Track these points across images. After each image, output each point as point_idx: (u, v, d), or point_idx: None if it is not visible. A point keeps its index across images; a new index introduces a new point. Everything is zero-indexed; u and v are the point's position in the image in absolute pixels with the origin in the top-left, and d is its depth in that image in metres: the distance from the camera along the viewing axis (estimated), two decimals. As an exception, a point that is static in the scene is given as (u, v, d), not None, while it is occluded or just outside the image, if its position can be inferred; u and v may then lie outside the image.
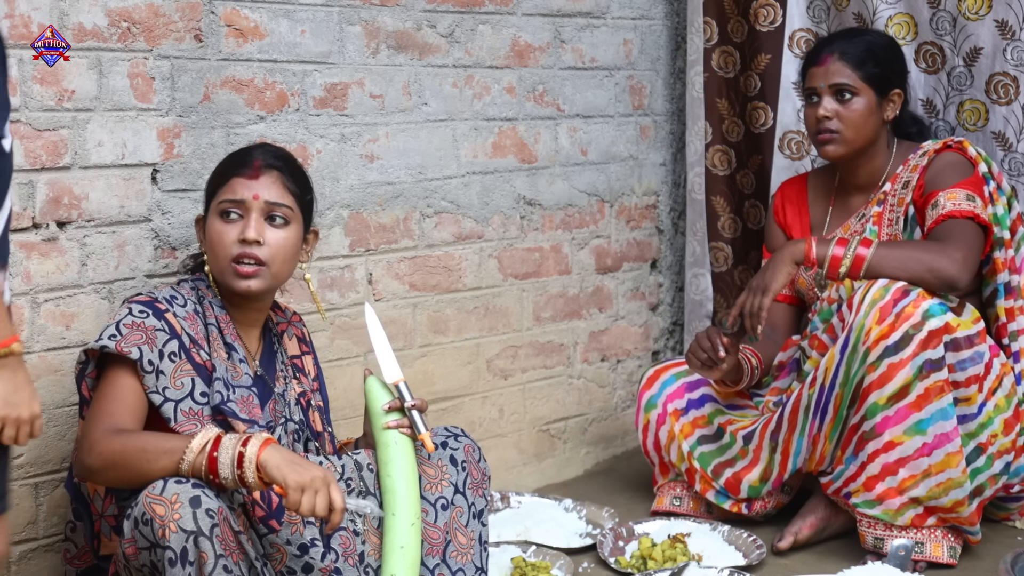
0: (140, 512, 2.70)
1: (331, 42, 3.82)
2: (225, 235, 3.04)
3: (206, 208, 3.12)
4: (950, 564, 3.57)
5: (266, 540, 2.87)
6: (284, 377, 3.21)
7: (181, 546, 2.67)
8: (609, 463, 4.63)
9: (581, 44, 4.49)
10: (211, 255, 3.07)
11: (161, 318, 2.94)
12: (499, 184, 4.28)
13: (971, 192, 3.78)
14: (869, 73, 3.94)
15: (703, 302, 4.75)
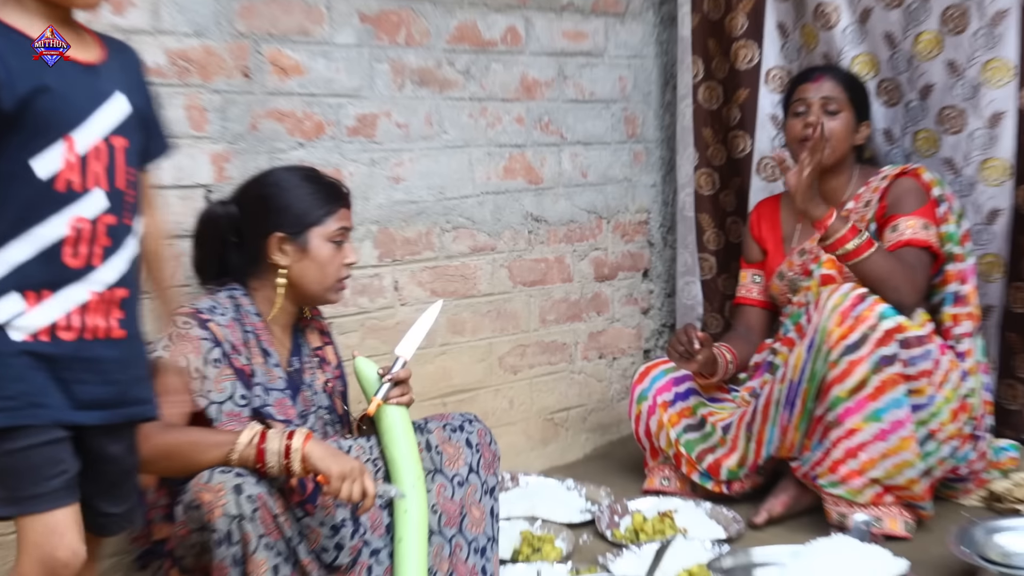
0: (190, 499, 2.70)
1: (362, 78, 3.83)
2: (337, 259, 3.05)
3: (297, 228, 3.02)
4: (905, 537, 3.57)
5: (302, 522, 2.86)
6: (311, 368, 3.18)
7: (227, 528, 2.67)
8: (606, 448, 4.62)
9: (582, 80, 4.49)
10: (316, 273, 3.04)
11: (204, 327, 2.91)
12: (509, 203, 4.28)
13: (927, 220, 3.79)
14: (853, 97, 3.97)
15: (694, 306, 4.74)
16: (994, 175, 4.16)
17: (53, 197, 2.20)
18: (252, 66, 3.54)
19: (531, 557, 3.49)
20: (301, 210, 3.05)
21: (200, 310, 2.95)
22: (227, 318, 2.97)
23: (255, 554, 2.71)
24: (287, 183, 3.09)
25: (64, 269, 2.23)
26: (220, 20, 3.46)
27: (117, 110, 2.27)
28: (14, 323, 2.18)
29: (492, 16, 4.17)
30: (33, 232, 2.19)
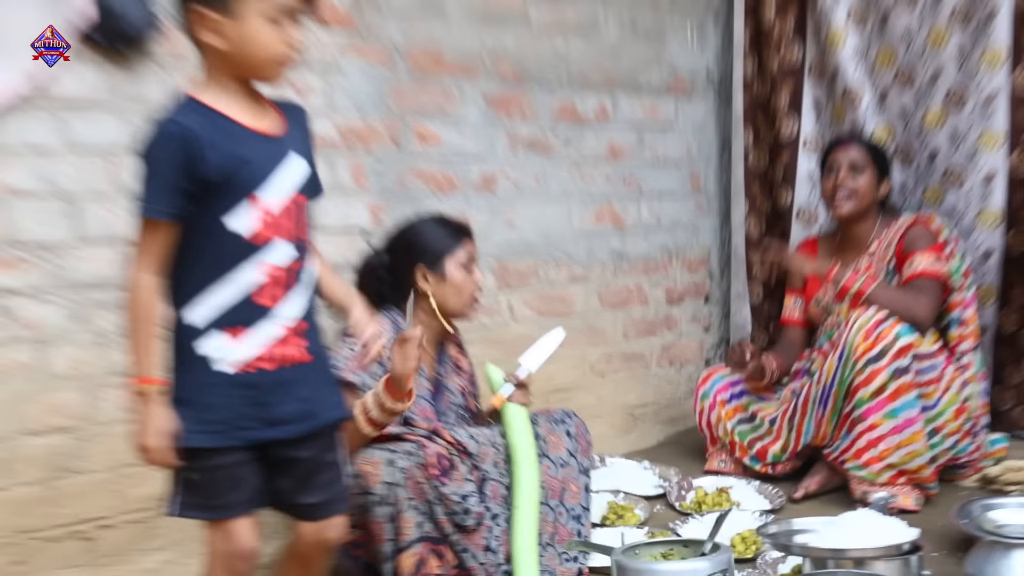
0: (355, 470, 2.77)
1: (485, 145, 3.88)
2: (469, 282, 3.08)
3: (435, 260, 3.06)
4: (916, 510, 3.54)
5: (439, 491, 2.86)
6: (450, 374, 3.21)
7: (383, 492, 2.76)
8: (675, 437, 4.61)
9: (656, 146, 4.49)
10: (453, 295, 3.06)
11: None
12: (599, 242, 4.30)
13: (938, 255, 3.77)
14: (875, 158, 3.93)
15: (744, 325, 4.72)
16: (988, 222, 4.13)
17: (247, 248, 2.13)
18: (401, 136, 3.61)
19: (616, 522, 3.49)
20: (436, 245, 3.08)
21: None
22: (388, 338, 2.98)
23: (404, 513, 2.78)
24: (423, 227, 3.14)
25: (260, 309, 2.15)
26: (377, 102, 3.54)
27: (297, 172, 2.21)
28: (221, 358, 2.13)
29: (586, 96, 4.20)
30: (232, 278, 2.13)
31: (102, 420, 3.04)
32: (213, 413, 2.14)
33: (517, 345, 3.89)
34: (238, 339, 2.14)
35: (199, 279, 2.12)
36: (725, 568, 2.44)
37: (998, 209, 4.12)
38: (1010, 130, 4.06)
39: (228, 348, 2.14)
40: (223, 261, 2.12)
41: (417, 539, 2.81)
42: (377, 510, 2.79)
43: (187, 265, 2.12)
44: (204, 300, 2.13)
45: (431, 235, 3.11)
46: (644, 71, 4.41)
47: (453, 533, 2.90)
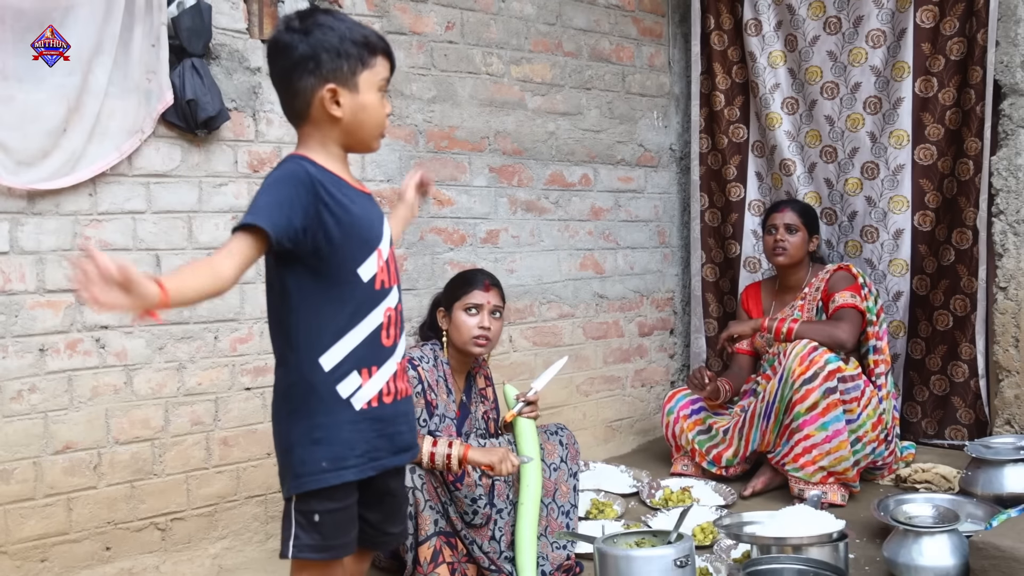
0: None
1: (490, 206, 3.87)
2: (470, 322, 3.01)
3: (448, 304, 3.04)
4: (842, 505, 3.51)
5: (453, 494, 2.87)
6: (476, 402, 3.17)
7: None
8: (645, 445, 4.57)
9: (630, 207, 4.48)
10: (457, 334, 3.01)
11: (415, 370, 2.92)
12: (583, 286, 4.28)
13: (854, 292, 3.77)
14: (805, 220, 3.94)
15: (700, 353, 4.69)
16: (897, 270, 4.14)
17: (374, 295, 1.95)
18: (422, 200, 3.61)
19: (597, 516, 3.48)
20: (450, 293, 3.06)
21: (413, 358, 2.95)
22: (429, 365, 2.98)
23: (423, 512, 2.76)
24: (454, 278, 3.14)
25: (383, 348, 1.98)
26: (402, 171, 3.54)
27: (387, 225, 2.03)
28: (358, 396, 1.94)
29: (572, 167, 4.21)
30: (363, 323, 1.94)
31: (175, 432, 3.04)
32: (354, 448, 1.93)
33: (516, 370, 3.92)
34: (370, 378, 1.95)
35: (337, 326, 1.92)
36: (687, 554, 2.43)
37: (905, 259, 4.12)
38: (913, 195, 4.08)
39: (363, 387, 1.94)
40: (359, 308, 1.94)
41: (434, 533, 2.79)
42: (404, 508, 2.75)
43: (326, 314, 1.91)
44: (342, 345, 1.93)
45: (452, 284, 3.11)
46: (619, 147, 4.42)
47: (463, 528, 2.88)
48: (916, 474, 3.66)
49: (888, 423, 3.76)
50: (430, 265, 3.60)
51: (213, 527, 3.10)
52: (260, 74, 3.13)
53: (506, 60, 3.91)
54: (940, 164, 4.01)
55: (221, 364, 3.09)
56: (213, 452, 3.09)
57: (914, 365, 4.20)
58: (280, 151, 3.19)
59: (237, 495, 3.15)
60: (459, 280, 3.12)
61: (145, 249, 2.95)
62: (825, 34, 4.21)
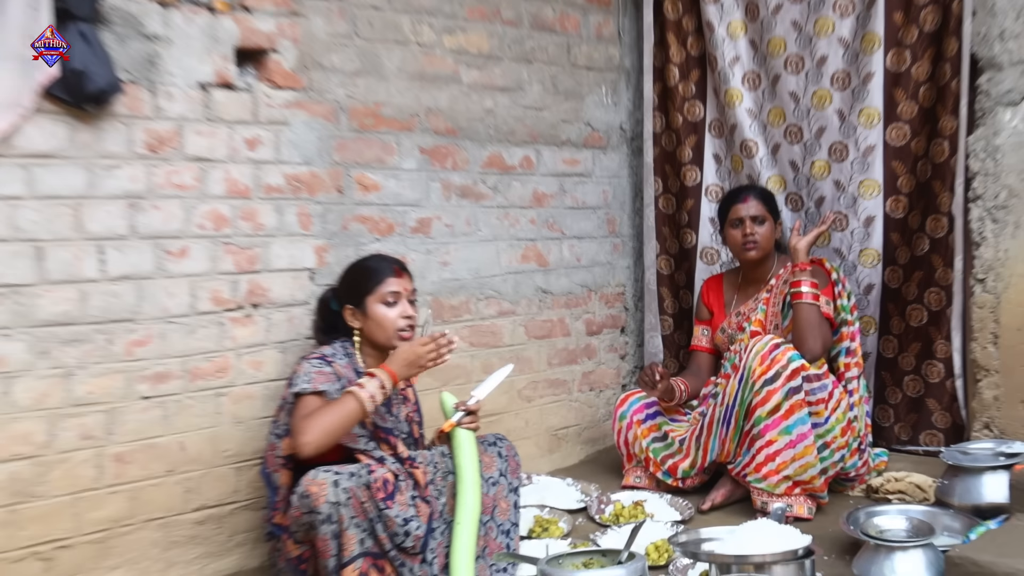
0: (302, 490, 2.73)
1: (421, 192, 3.84)
2: (391, 314, 3.04)
3: (358, 299, 3.06)
4: (809, 519, 3.55)
5: (383, 512, 2.85)
6: (397, 403, 3.19)
7: (328, 512, 2.71)
8: (594, 455, 4.58)
9: (576, 193, 4.49)
10: (380, 330, 3.04)
11: (330, 366, 2.96)
12: (525, 280, 4.27)
13: (828, 298, 3.82)
14: (770, 208, 3.97)
15: (656, 354, 4.72)
16: (869, 260, 4.18)
17: None
18: (344, 185, 3.58)
19: (541, 535, 3.47)
20: (358, 286, 3.09)
21: (325, 355, 3.00)
22: (343, 362, 3.02)
23: (348, 530, 2.74)
24: (351, 270, 3.17)
25: None
26: (322, 153, 3.50)
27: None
28: None
29: (512, 149, 4.20)
30: None
31: (61, 448, 2.96)
32: None
33: (450, 374, 3.90)
34: None
35: None
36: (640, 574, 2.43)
37: (877, 248, 4.17)
38: (885, 179, 4.12)
39: None
40: None
41: (359, 554, 2.77)
42: (322, 527, 2.74)
43: None
44: None
45: (355, 277, 3.12)
46: (564, 127, 4.41)
47: (392, 550, 2.86)
48: (888, 484, 3.71)
49: (860, 431, 3.80)
50: (354, 257, 3.54)
51: (105, 555, 3.03)
52: (159, 42, 3.06)
53: (438, 29, 3.88)
54: (914, 145, 4.06)
55: (115, 370, 3.03)
56: (105, 470, 3.02)
57: (886, 364, 4.26)
58: (182, 129, 3.12)
59: (133, 519, 3.08)
60: (362, 271, 3.12)
61: (26, 240, 2.87)
62: (788, 2, 4.23)
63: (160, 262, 3.09)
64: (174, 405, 3.14)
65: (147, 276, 3.08)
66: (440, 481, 3.08)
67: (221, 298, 3.23)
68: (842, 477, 3.80)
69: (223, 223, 3.23)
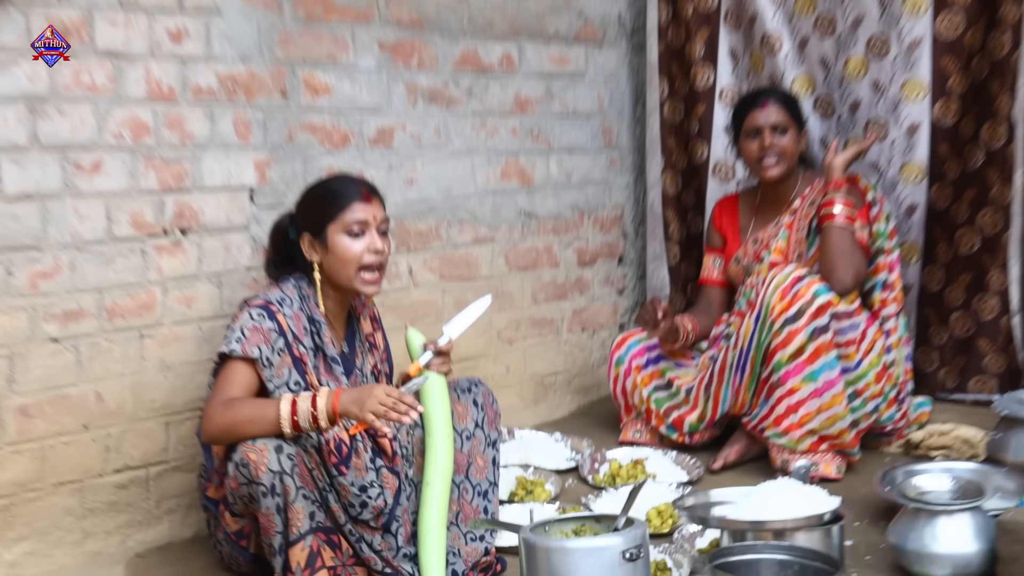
0: (239, 458, 2.72)
1: (381, 97, 3.82)
2: (356, 247, 2.98)
3: (318, 227, 3.00)
4: (837, 478, 3.58)
5: (336, 480, 2.85)
6: (362, 352, 3.17)
7: (271, 482, 2.69)
8: (587, 407, 4.61)
9: (566, 97, 4.47)
10: (340, 266, 2.97)
11: (273, 319, 2.88)
12: (506, 201, 4.27)
13: (862, 222, 3.82)
14: (793, 115, 3.96)
15: (662, 288, 4.72)
16: (912, 176, 4.18)
17: None
18: (289, 87, 3.54)
19: (525, 498, 3.49)
20: (318, 212, 3.03)
21: (271, 302, 2.93)
22: (294, 308, 2.95)
23: (295, 503, 2.73)
24: (314, 191, 3.10)
25: None
26: (262, 49, 3.46)
27: None
28: None
29: (490, 44, 4.16)
30: None
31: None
32: None
33: (417, 312, 3.91)
34: None
35: None
36: (639, 544, 2.45)
37: (922, 162, 4.17)
38: (933, 79, 4.10)
39: None
40: None
41: (309, 530, 2.75)
42: (264, 501, 2.71)
43: None
44: None
45: (315, 201, 3.06)
46: (552, 17, 4.38)
47: (348, 523, 2.87)
48: (931, 438, 3.74)
49: (899, 378, 3.83)
50: (302, 174, 3.54)
51: (8, 526, 3.04)
52: (62, -94, 3.01)
53: None
54: (968, 37, 4.05)
55: (16, 307, 3.01)
56: (7, 426, 3.02)
57: (930, 299, 4.28)
58: (91, 18, 3.08)
59: (42, 483, 3.08)
60: (324, 193, 3.07)
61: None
62: None
63: (68, 178, 3.06)
64: (89, 348, 3.13)
65: (53, 195, 3.04)
66: (406, 437, 3.09)
67: (143, 221, 3.21)
68: (877, 431, 3.83)
69: (144, 132, 3.19)
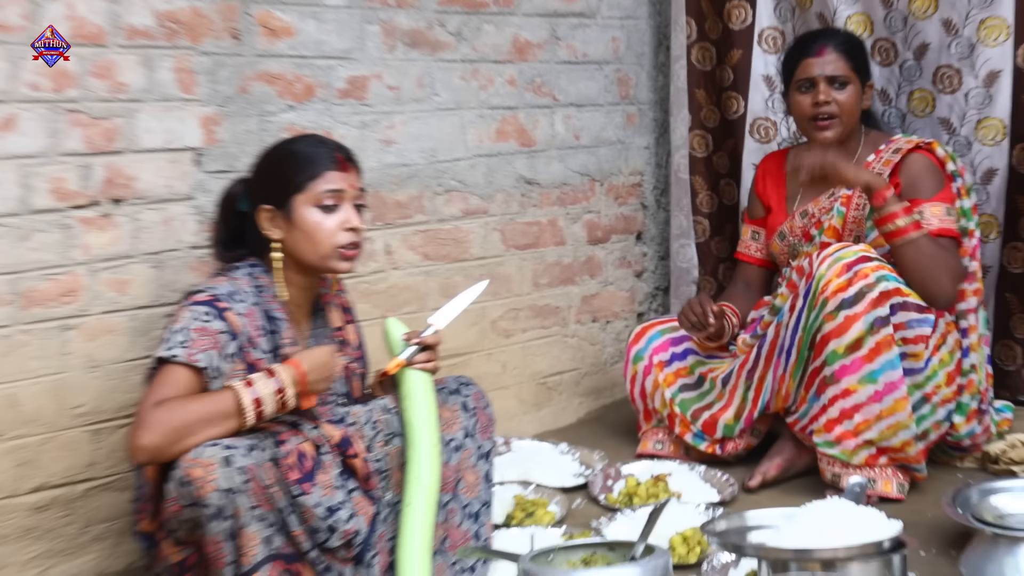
0: (181, 475, 2.68)
1: (353, 39, 3.81)
2: (329, 224, 2.97)
3: (281, 197, 2.98)
4: (899, 499, 3.57)
5: (298, 500, 2.82)
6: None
7: (219, 503, 2.66)
8: (599, 412, 4.61)
9: (574, 41, 4.47)
10: (309, 244, 2.96)
11: (222, 318, 2.86)
12: (502, 165, 4.27)
13: (949, 205, 3.79)
14: (857, 64, 3.94)
15: (689, 269, 4.74)
16: (990, 134, 4.17)
17: None
18: (241, 28, 3.53)
19: (524, 521, 3.48)
20: (281, 179, 3.01)
21: (218, 297, 2.90)
22: (247, 304, 2.94)
23: (247, 527, 2.71)
24: (274, 154, 3.09)
25: None
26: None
27: None
28: None
29: (483, -25, 4.17)
30: None
31: None
32: None
33: (396, 299, 3.93)
34: None
35: None
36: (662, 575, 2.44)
37: (1003, 117, 4.16)
38: (1017, 17, 4.09)
39: None
40: None
41: (265, 559, 2.75)
42: (212, 525, 2.69)
43: None
44: None
45: (279, 166, 3.04)
46: (557, -56, 4.39)
47: (313, 550, 2.86)
48: (1014, 450, 3.74)
49: (981, 385, 3.82)
50: (258, 134, 3.55)
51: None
52: None
53: None
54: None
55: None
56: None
57: (1012, 283, 4.28)
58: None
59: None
60: (289, 158, 3.04)
61: None
62: None
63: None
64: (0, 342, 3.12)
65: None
66: (382, 448, 3.08)
67: (66, 190, 3.19)
68: (951, 445, 3.82)
69: (66, 82, 3.18)
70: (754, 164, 4.44)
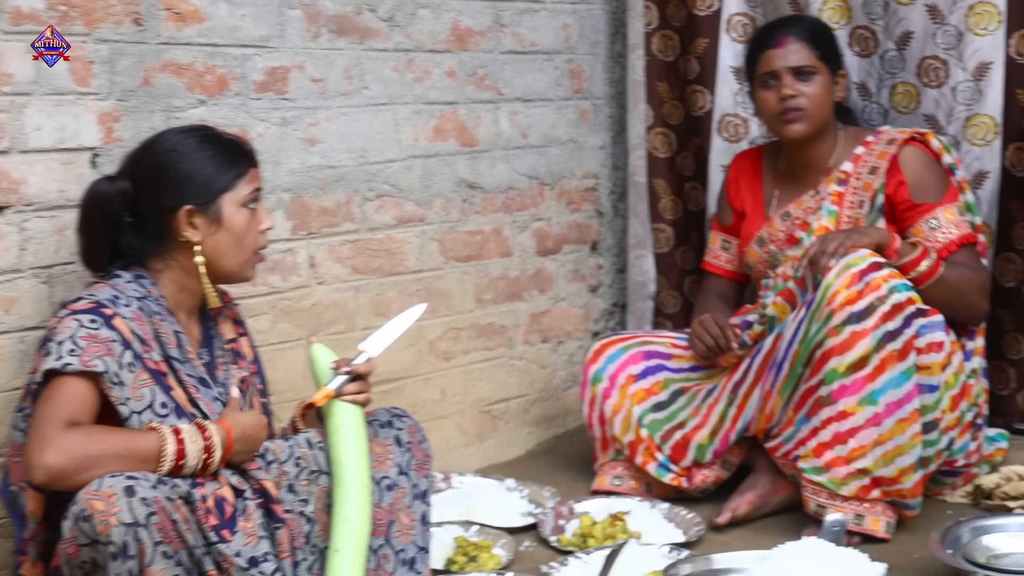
0: (79, 509, 2.64)
1: (271, 26, 3.80)
2: (254, 227, 3.05)
3: (205, 198, 3.00)
4: (885, 539, 3.57)
5: (215, 548, 2.79)
6: (224, 364, 3.16)
7: (122, 539, 2.62)
8: (550, 443, 4.62)
9: (521, 28, 4.48)
10: (233, 246, 3.02)
11: (109, 326, 2.84)
12: (440, 167, 4.27)
13: (960, 205, 3.85)
14: (824, 53, 3.97)
15: (646, 283, 4.76)
16: (980, 133, 4.19)
17: None
18: (144, 12, 3.50)
19: (466, 567, 3.50)
20: (207, 176, 3.03)
21: (101, 303, 2.88)
22: (132, 309, 2.91)
23: (151, 565, 2.67)
24: (185, 147, 3.07)
25: None
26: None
27: None
28: None
29: (419, -44, 4.17)
30: None
31: None
32: None
33: (322, 318, 3.94)
34: None
35: None
36: (618, 629, 2.45)
37: (994, 114, 4.18)
38: (1010, 3, 4.11)
39: None
40: None
41: (174, 604, 2.75)
42: (114, 566, 2.65)
43: None
44: None
45: (198, 161, 3.05)
46: (501, -82, 4.41)
47: (228, 598, 2.86)
48: (1008, 484, 3.76)
49: (979, 395, 3.86)
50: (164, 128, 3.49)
51: None
52: None
53: None
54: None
55: None
56: None
57: (1005, 298, 4.30)
58: None
59: None
60: (212, 154, 3.06)
61: None
62: None
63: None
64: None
65: None
66: (305, 487, 3.07)
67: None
68: (942, 467, 3.81)
69: (-59, 72, 3.16)
70: (723, 165, 4.46)
